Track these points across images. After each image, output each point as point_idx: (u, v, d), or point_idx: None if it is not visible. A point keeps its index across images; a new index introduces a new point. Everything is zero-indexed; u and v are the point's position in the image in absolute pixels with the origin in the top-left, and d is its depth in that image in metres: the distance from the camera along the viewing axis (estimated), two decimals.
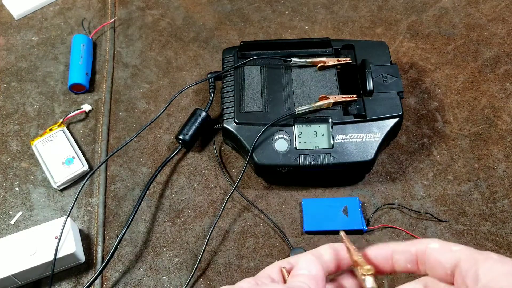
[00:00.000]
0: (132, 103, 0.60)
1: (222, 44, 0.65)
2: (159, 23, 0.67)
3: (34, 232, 0.47)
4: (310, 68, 0.55)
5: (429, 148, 0.55)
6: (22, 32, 0.67)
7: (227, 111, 0.53)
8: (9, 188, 0.54)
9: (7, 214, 0.53)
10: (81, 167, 0.54)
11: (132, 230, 0.51)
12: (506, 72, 0.61)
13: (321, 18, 0.67)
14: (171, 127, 0.58)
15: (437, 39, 0.64)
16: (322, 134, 0.51)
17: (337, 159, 0.50)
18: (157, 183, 0.54)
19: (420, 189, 0.53)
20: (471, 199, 0.52)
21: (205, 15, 0.68)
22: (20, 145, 0.57)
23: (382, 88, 0.53)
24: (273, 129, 0.51)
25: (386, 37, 0.65)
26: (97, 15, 0.68)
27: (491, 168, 0.54)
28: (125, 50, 0.65)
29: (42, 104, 0.60)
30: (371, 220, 0.51)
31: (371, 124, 0.51)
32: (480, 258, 0.25)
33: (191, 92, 0.61)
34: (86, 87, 0.60)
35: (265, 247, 0.50)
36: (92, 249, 0.50)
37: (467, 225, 0.50)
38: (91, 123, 0.59)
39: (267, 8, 0.68)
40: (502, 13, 0.66)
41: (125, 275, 0.49)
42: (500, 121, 0.57)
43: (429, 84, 0.60)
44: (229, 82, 0.55)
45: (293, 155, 0.50)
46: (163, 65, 0.63)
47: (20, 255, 0.46)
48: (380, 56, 0.56)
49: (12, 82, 0.62)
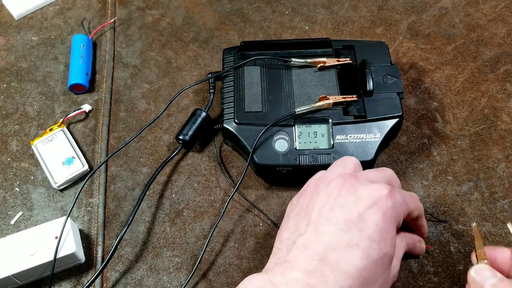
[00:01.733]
0: (132, 103, 0.60)
1: (222, 44, 0.65)
2: (159, 23, 0.67)
3: (34, 232, 0.47)
4: (310, 68, 0.55)
5: (429, 148, 0.56)
6: (22, 32, 0.67)
7: (227, 111, 0.53)
8: (9, 188, 0.54)
9: (7, 214, 0.53)
10: (81, 167, 0.54)
11: (132, 230, 0.51)
12: (506, 72, 0.61)
13: (321, 18, 0.67)
14: (171, 127, 0.58)
15: (437, 39, 0.64)
16: (322, 134, 0.51)
17: (337, 159, 0.49)
18: (157, 183, 0.54)
19: (420, 189, 0.53)
20: (471, 199, 0.52)
21: (205, 15, 0.68)
22: (20, 145, 0.57)
23: (382, 89, 0.53)
24: (273, 129, 0.51)
25: (386, 37, 0.65)
26: (97, 15, 0.68)
27: (491, 168, 0.54)
28: (125, 50, 0.65)
29: (42, 104, 0.60)
30: None
31: (371, 125, 0.51)
32: None
33: (191, 92, 0.61)
34: (86, 87, 0.60)
35: (265, 247, 0.50)
36: (92, 249, 0.51)
37: (467, 225, 0.50)
38: (91, 123, 0.59)
39: (267, 8, 0.68)
40: (502, 13, 0.66)
41: (125, 275, 0.49)
42: (500, 121, 0.57)
43: (429, 84, 0.60)
44: (229, 82, 0.55)
45: (293, 155, 0.50)
46: (163, 65, 0.63)
47: (20, 255, 0.46)
48: (380, 56, 0.56)
49: (12, 82, 0.62)
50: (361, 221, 0.36)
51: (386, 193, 0.37)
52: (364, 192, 0.37)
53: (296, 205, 0.40)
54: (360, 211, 0.36)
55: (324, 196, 0.38)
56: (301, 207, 0.40)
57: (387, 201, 0.37)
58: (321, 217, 0.37)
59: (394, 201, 0.37)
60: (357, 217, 0.36)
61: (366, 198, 0.37)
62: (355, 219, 0.36)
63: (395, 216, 0.37)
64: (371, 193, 0.37)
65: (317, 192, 0.39)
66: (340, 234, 0.35)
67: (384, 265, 0.36)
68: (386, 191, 0.37)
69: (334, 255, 0.35)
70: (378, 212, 0.36)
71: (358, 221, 0.36)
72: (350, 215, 0.36)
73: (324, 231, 0.36)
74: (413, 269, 0.48)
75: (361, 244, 0.35)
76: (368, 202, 0.36)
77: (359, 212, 0.36)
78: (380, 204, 0.37)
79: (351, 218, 0.36)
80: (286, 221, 0.40)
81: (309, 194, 0.40)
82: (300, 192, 0.42)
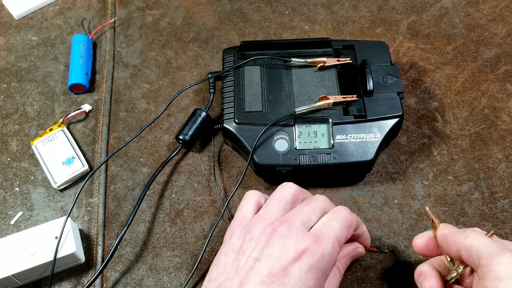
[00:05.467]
0: (132, 103, 0.60)
1: (222, 44, 0.65)
2: (159, 23, 0.67)
3: (34, 232, 0.47)
4: (310, 68, 0.55)
5: (429, 148, 0.55)
6: (22, 32, 0.67)
7: (227, 111, 0.53)
8: (9, 188, 0.54)
9: (7, 214, 0.53)
10: (81, 167, 0.54)
11: (132, 230, 0.51)
12: (506, 72, 0.61)
13: (321, 18, 0.67)
14: (171, 127, 0.58)
15: (437, 39, 0.64)
16: (322, 134, 0.51)
17: (337, 159, 0.50)
18: (157, 183, 0.54)
19: (420, 189, 0.53)
20: (471, 199, 0.52)
21: (205, 15, 0.68)
22: (20, 145, 0.57)
23: (382, 88, 0.53)
24: (273, 129, 0.51)
25: (386, 37, 0.65)
26: (97, 15, 0.68)
27: (491, 168, 0.54)
28: (125, 50, 0.65)
29: (42, 104, 0.60)
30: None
31: (371, 124, 0.51)
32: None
33: (191, 92, 0.61)
34: (86, 87, 0.60)
35: None
36: (92, 249, 0.50)
37: (467, 225, 0.50)
38: (91, 123, 0.59)
39: (267, 8, 0.68)
40: (502, 13, 0.66)
41: (125, 275, 0.49)
42: (500, 121, 0.57)
43: (429, 84, 0.60)
44: (229, 82, 0.55)
45: (293, 155, 0.50)
46: (163, 65, 0.63)
47: (20, 255, 0.46)
48: (380, 56, 0.56)
49: (12, 82, 0.62)
50: (284, 276, 0.35)
51: (312, 245, 0.36)
52: (291, 243, 0.36)
53: (229, 242, 0.39)
54: (284, 265, 0.35)
55: (254, 243, 0.37)
56: (234, 247, 0.39)
57: (313, 255, 0.36)
58: (247, 265, 0.36)
59: (322, 252, 0.36)
60: (280, 270, 0.35)
61: (291, 250, 0.36)
62: (278, 273, 0.35)
63: (322, 269, 0.36)
64: (298, 246, 0.36)
65: (251, 236, 0.38)
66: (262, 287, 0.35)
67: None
68: (312, 242, 0.36)
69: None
70: (302, 267, 0.35)
71: (281, 275, 0.35)
72: (273, 268, 0.35)
73: (248, 281, 0.35)
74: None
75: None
76: (292, 255, 0.35)
77: (283, 266, 0.35)
78: (305, 258, 0.35)
79: (274, 272, 0.35)
80: (218, 257, 0.39)
81: (244, 234, 0.39)
82: (240, 220, 0.41)
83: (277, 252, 0.36)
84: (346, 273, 0.48)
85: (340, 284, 0.42)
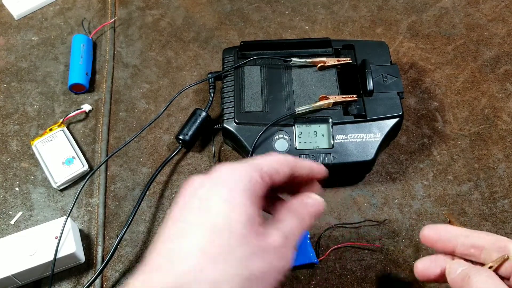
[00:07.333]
0: (132, 103, 0.60)
1: (222, 44, 0.65)
2: (159, 23, 0.67)
3: (34, 232, 0.47)
4: (310, 68, 0.55)
5: (429, 148, 0.55)
6: (22, 32, 0.67)
7: (227, 111, 0.53)
8: (9, 188, 0.54)
9: (7, 214, 0.53)
10: (81, 167, 0.54)
11: (132, 230, 0.51)
12: (506, 72, 0.61)
13: (321, 18, 0.67)
14: (171, 127, 0.58)
15: (437, 39, 0.64)
16: (322, 134, 0.51)
17: (337, 159, 0.50)
18: (157, 183, 0.54)
19: (420, 189, 0.53)
20: (471, 199, 0.52)
21: (205, 15, 0.68)
22: (20, 145, 0.57)
23: (382, 88, 0.53)
24: (273, 129, 0.51)
25: (386, 37, 0.65)
26: (97, 15, 0.68)
27: (491, 168, 0.54)
28: (125, 50, 0.65)
29: (42, 104, 0.60)
30: (321, 249, 0.49)
31: (371, 124, 0.51)
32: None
33: (191, 92, 0.61)
34: (86, 87, 0.60)
35: None
36: (92, 249, 0.50)
37: (467, 225, 0.50)
38: (91, 123, 0.59)
39: (267, 8, 0.68)
40: (502, 13, 0.66)
41: (125, 275, 0.49)
42: (500, 121, 0.57)
43: (429, 84, 0.60)
44: (229, 82, 0.55)
45: (293, 155, 0.50)
46: (163, 65, 0.63)
47: (20, 255, 0.46)
48: (380, 56, 0.56)
49: (12, 82, 0.62)
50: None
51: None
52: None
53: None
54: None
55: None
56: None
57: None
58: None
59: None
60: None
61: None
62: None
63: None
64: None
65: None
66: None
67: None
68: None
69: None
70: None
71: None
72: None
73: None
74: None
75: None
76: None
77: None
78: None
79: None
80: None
81: None
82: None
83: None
84: (346, 273, 0.48)
85: (340, 284, 0.42)
